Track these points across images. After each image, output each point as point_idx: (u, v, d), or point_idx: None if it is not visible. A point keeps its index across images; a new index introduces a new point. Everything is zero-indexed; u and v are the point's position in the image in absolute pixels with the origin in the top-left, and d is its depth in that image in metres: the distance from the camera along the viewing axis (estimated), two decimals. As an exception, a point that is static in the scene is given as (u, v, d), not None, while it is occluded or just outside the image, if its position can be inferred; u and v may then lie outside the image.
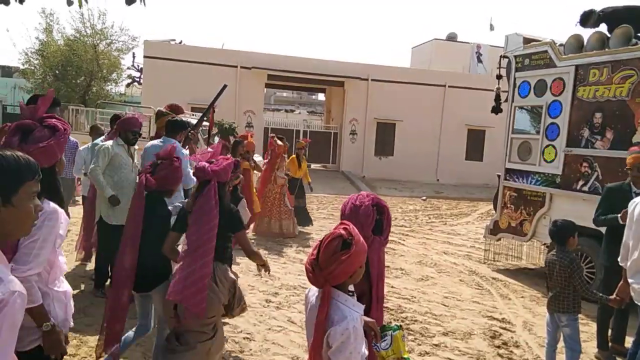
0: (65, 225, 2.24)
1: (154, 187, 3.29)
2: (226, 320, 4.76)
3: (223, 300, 2.79)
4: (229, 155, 3.48)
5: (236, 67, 19.65)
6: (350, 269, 1.94)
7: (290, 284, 6.11)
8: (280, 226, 8.75)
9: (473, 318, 5.39)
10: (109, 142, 5.10)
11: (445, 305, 5.71)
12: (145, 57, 19.61)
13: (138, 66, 29.97)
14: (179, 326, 2.77)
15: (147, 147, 5.00)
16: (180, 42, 22.91)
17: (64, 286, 2.35)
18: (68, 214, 6.91)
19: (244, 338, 4.43)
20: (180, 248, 3.11)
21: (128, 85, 31.57)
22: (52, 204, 2.19)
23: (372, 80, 20.78)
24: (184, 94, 18.29)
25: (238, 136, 9.43)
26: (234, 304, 2.87)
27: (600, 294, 3.89)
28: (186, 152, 5.10)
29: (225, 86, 5.87)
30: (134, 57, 29.45)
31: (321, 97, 34.33)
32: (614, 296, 3.77)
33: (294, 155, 9.42)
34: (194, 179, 3.34)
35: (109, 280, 5.12)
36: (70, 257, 6.48)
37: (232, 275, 2.90)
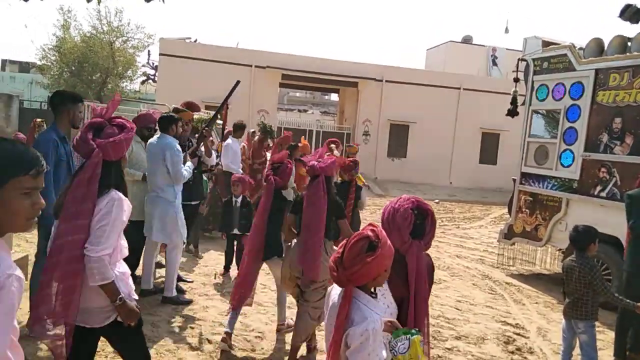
0: (128, 213, 2.48)
1: (279, 184, 4.18)
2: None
3: None
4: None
5: (251, 66, 19.68)
6: (374, 271, 1.93)
7: (302, 283, 6.08)
8: None
9: (486, 323, 5.33)
10: None
11: (458, 309, 5.65)
12: (160, 54, 19.72)
13: (153, 64, 30.16)
14: (303, 285, 3.80)
15: (147, 144, 5.04)
16: (196, 41, 23.02)
17: (123, 267, 2.56)
18: None
19: (255, 337, 4.42)
20: None
21: (143, 82, 31.78)
22: (119, 193, 2.44)
23: (387, 81, 20.70)
24: (198, 91, 18.35)
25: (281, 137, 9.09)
26: None
27: (628, 300, 3.80)
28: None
29: (238, 82, 5.83)
30: (149, 54, 29.64)
31: (334, 97, 34.28)
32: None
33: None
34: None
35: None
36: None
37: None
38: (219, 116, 6.40)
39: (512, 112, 7.79)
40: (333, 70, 20.00)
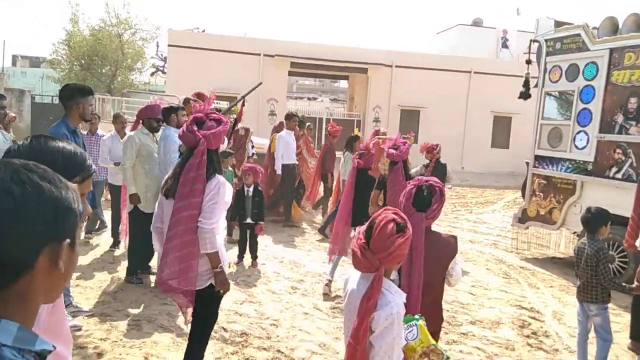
0: (230, 194, 2.97)
1: (361, 165, 5.40)
2: (253, 307, 4.79)
3: None
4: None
5: (259, 55, 19.62)
6: (405, 252, 1.97)
7: (316, 270, 6.11)
8: None
9: (501, 307, 5.31)
10: (133, 133, 5.18)
11: (472, 294, 5.64)
12: (169, 45, 19.72)
13: (162, 55, 30.20)
14: None
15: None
16: (204, 31, 22.97)
17: (221, 239, 3.01)
18: (103, 220, 6.91)
19: (270, 325, 4.45)
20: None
21: (152, 74, 31.87)
22: (221, 177, 2.92)
23: (396, 66, 20.53)
24: (207, 82, 18.35)
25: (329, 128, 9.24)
26: None
27: (625, 284, 3.79)
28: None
29: (260, 84, 6.00)
30: (157, 46, 29.71)
31: (344, 84, 34.09)
32: (635, 284, 3.62)
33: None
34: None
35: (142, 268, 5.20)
36: (98, 246, 6.60)
37: None
38: (232, 110, 6.42)
39: (525, 95, 7.69)
40: (342, 57, 19.86)
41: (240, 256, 6.18)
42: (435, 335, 2.53)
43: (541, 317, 5.11)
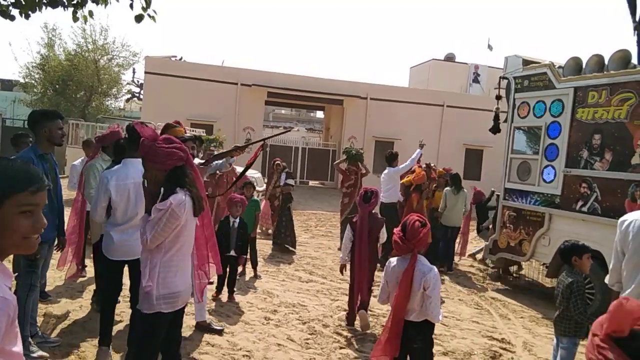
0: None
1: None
2: (226, 338, 4.73)
3: None
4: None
5: (236, 84, 19.78)
6: (427, 239, 3.20)
7: (289, 301, 6.07)
8: None
9: (473, 338, 5.36)
10: (94, 161, 5.10)
11: (445, 325, 5.68)
12: (146, 72, 19.74)
13: (138, 81, 30.18)
14: None
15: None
16: (181, 59, 23.09)
17: None
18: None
19: (243, 356, 4.40)
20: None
21: (128, 100, 31.73)
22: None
23: (371, 99, 20.93)
24: (183, 109, 18.39)
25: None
26: None
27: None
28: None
29: (288, 130, 5.87)
30: (134, 72, 29.76)
31: (320, 114, 34.47)
32: None
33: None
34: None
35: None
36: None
37: None
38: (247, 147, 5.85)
39: (495, 129, 7.93)
40: (318, 88, 20.17)
41: (219, 289, 6.00)
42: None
43: (512, 348, 5.17)
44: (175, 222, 2.69)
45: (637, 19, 7.20)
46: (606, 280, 3.70)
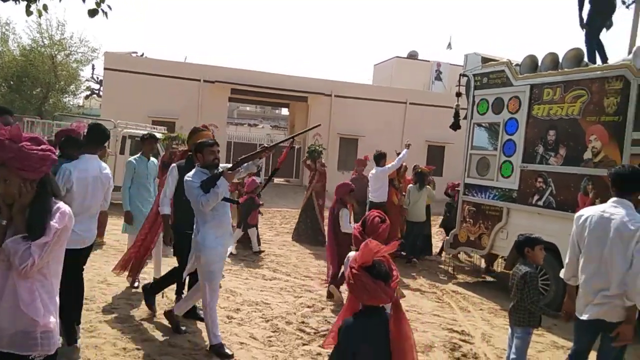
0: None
1: None
2: (187, 337, 4.67)
3: None
4: None
5: (199, 80, 19.50)
6: (385, 234, 3.41)
7: (253, 299, 6.05)
8: None
9: (434, 331, 5.46)
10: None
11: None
12: (105, 69, 19.24)
13: (98, 78, 29.40)
14: None
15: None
16: (142, 55, 22.62)
17: None
18: None
19: (204, 356, 4.35)
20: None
21: (87, 97, 30.89)
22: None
23: (336, 96, 20.98)
24: (144, 106, 18.03)
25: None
26: None
27: (552, 311, 3.96)
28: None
29: (319, 125, 5.28)
30: (93, 68, 29.01)
31: (285, 111, 34.38)
32: (562, 313, 3.80)
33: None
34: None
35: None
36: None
37: None
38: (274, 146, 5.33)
39: (455, 126, 8.08)
40: (282, 85, 20.10)
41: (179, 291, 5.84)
42: None
43: (471, 340, 5.29)
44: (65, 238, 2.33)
45: (582, 18, 7.47)
46: (561, 274, 3.82)
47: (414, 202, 8.83)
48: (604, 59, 7.14)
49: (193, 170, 4.30)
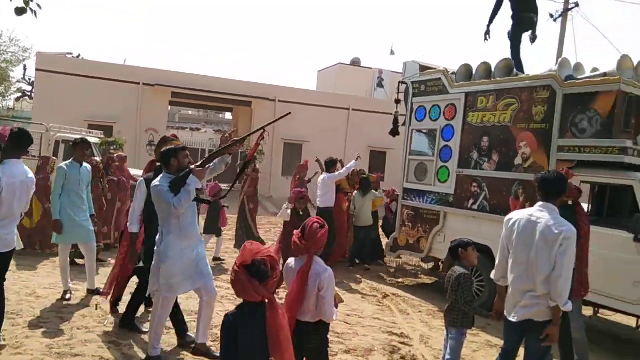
0: None
1: None
2: (122, 350, 4.50)
3: None
4: None
5: (138, 83, 18.96)
6: (324, 240, 3.20)
7: (192, 309, 5.90)
8: None
9: (374, 334, 5.52)
10: None
11: (347, 323, 5.80)
12: (37, 70, 18.36)
13: (30, 79, 28.01)
14: None
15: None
16: (79, 56, 21.76)
17: None
18: None
19: (139, 367, 4.21)
20: None
21: (18, 99, 29.36)
22: None
23: (279, 101, 20.96)
24: (80, 110, 17.34)
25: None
26: None
27: (485, 311, 4.10)
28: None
29: (289, 113, 4.87)
30: (25, 69, 27.54)
31: (229, 116, 33.98)
32: (493, 313, 3.95)
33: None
34: None
35: None
36: None
37: None
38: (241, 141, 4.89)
39: (394, 132, 8.26)
40: (226, 90, 19.89)
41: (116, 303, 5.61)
42: None
43: (410, 342, 5.39)
44: None
45: (488, 31, 7.94)
46: (492, 275, 3.97)
47: (359, 208, 8.95)
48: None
49: (159, 177, 4.14)
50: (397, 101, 8.28)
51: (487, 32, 7.99)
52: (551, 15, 16.79)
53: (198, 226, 4.39)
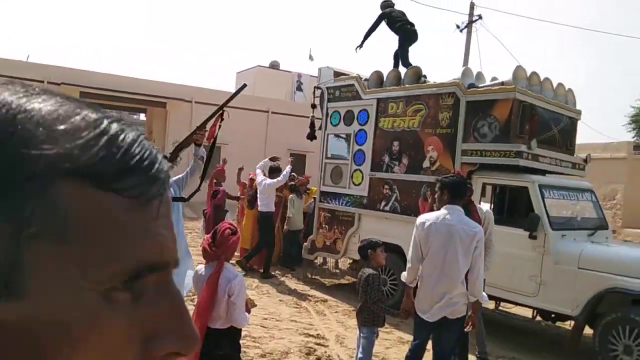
0: None
1: None
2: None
3: None
4: None
5: (43, 82, 17.82)
6: (236, 246, 3.29)
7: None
8: None
9: (290, 337, 5.58)
10: None
11: (264, 327, 5.82)
12: None
13: None
14: None
15: None
16: (-28, 51, 20.10)
17: None
18: None
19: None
20: None
21: None
22: None
23: (196, 102, 20.55)
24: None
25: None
26: None
27: (394, 310, 4.27)
28: None
29: (244, 85, 4.28)
30: None
31: (143, 117, 32.78)
32: (401, 311, 4.14)
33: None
34: None
35: None
36: None
37: None
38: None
39: (311, 136, 8.40)
40: (139, 90, 19.20)
41: None
42: None
43: (326, 343, 5.50)
44: None
45: (363, 43, 8.47)
46: (403, 278, 4.15)
47: (297, 211, 9.03)
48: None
49: None
50: (313, 106, 8.41)
51: (360, 46, 8.51)
52: (457, 26, 17.76)
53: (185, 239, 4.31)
